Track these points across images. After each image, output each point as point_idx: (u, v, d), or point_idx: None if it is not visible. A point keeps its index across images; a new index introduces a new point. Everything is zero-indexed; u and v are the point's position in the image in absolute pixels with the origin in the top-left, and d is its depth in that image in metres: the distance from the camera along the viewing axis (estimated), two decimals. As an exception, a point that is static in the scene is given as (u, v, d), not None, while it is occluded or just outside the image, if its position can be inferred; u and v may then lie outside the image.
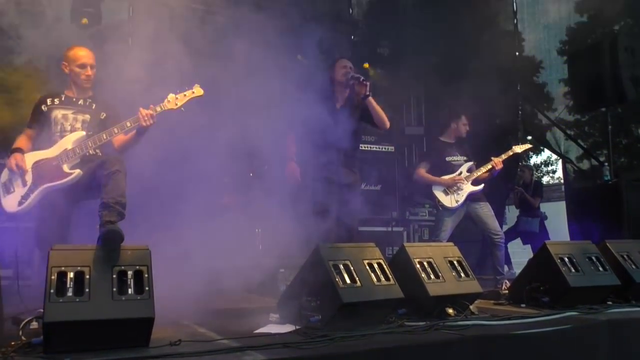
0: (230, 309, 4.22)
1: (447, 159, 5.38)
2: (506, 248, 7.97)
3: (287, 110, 4.49)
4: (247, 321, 3.40)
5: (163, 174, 4.92)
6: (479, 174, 5.24)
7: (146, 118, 3.46)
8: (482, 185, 5.25)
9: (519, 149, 5.39)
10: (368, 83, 4.50)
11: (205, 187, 5.55)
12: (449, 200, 5.21)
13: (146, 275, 2.61)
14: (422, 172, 5.38)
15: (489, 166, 5.22)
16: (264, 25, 4.45)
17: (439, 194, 5.24)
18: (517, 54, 8.80)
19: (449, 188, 5.22)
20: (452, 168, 5.33)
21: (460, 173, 5.30)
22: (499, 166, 5.19)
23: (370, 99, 4.52)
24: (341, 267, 3.10)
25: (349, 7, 8.30)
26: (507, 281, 4.92)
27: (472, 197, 5.25)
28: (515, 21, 8.24)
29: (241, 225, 5.18)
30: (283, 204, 4.48)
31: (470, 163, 5.37)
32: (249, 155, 5.78)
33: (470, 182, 5.23)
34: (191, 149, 5.33)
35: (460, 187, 5.20)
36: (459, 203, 5.18)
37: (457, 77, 7.06)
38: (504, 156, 5.27)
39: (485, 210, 5.27)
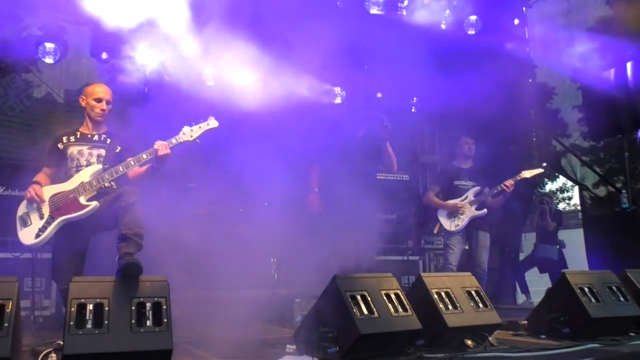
0: (247, 339, 4.20)
1: (456, 182, 5.45)
2: (523, 276, 7.91)
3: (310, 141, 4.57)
4: (263, 352, 3.38)
5: (179, 204, 4.97)
6: (484, 197, 5.30)
7: (162, 147, 3.51)
8: (485, 210, 5.26)
9: (528, 173, 5.36)
10: (390, 127, 4.61)
11: (219, 215, 5.60)
12: (449, 224, 5.32)
13: (164, 307, 2.62)
14: (431, 195, 5.53)
15: (499, 188, 5.23)
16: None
17: (442, 218, 5.37)
18: (529, 80, 8.83)
19: (452, 212, 5.30)
20: (459, 192, 5.40)
21: (466, 197, 5.36)
22: (510, 189, 5.19)
23: (388, 144, 4.66)
24: (358, 297, 3.09)
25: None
26: None
27: (475, 224, 5.30)
28: (527, 49, 8.29)
29: (257, 255, 5.19)
30: (301, 234, 4.49)
31: (478, 188, 5.40)
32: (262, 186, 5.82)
33: (474, 207, 5.26)
34: (206, 177, 5.39)
35: (462, 211, 5.25)
36: (459, 227, 5.26)
37: (470, 105, 7.09)
38: (511, 181, 5.26)
39: (483, 240, 5.32)
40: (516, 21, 8.16)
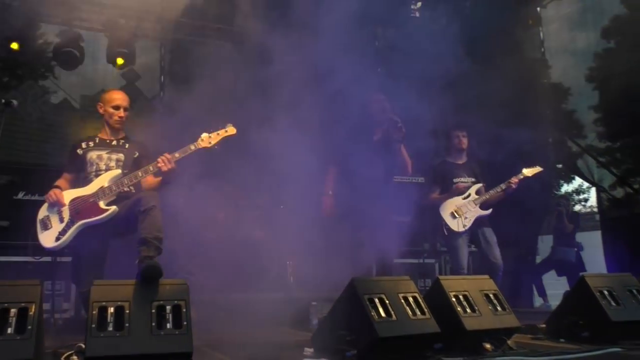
0: (263, 342, 4.21)
1: (455, 180, 5.22)
2: (540, 279, 7.83)
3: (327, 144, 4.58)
4: (281, 355, 3.39)
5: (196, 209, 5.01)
6: (487, 196, 5.09)
7: (164, 163, 3.51)
8: (490, 210, 5.09)
9: (529, 172, 5.20)
10: (403, 130, 4.55)
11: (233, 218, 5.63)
12: (456, 224, 5.05)
13: (184, 310, 2.65)
14: (435, 195, 5.25)
15: (503, 187, 5.07)
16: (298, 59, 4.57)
17: (447, 219, 5.08)
18: (544, 81, 8.77)
19: (457, 212, 5.07)
20: (459, 190, 5.17)
21: (469, 195, 5.13)
22: (515, 186, 5.05)
23: (402, 146, 4.58)
24: (376, 300, 3.08)
25: (374, 40, 8.41)
26: None
27: (477, 222, 5.07)
28: (542, 49, 8.23)
29: (272, 258, 5.21)
30: (316, 237, 4.50)
31: (479, 185, 5.20)
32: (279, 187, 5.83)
33: (479, 206, 5.08)
34: (224, 182, 5.42)
35: (468, 209, 5.06)
36: (466, 227, 5.02)
37: (485, 106, 7.05)
38: (515, 179, 5.11)
39: (490, 236, 5.08)
40: (530, 21, 8.12)
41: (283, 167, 4.80)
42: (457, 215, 5.07)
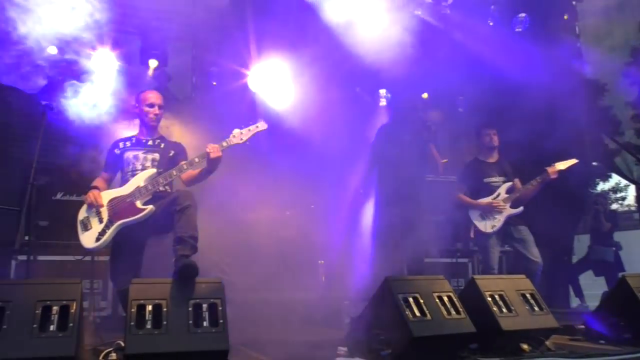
0: (296, 340, 4.22)
1: (485, 180, 5.09)
2: (577, 279, 7.65)
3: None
4: (314, 353, 3.39)
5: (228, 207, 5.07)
6: (519, 194, 4.94)
7: (214, 150, 3.57)
8: (522, 208, 4.95)
9: (562, 165, 5.03)
10: (434, 130, 4.52)
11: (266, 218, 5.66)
12: (484, 226, 4.95)
13: (220, 308, 2.67)
14: (462, 195, 5.12)
15: (539, 180, 4.87)
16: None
17: (476, 220, 4.99)
18: (580, 77, 8.55)
19: (486, 212, 4.97)
20: (490, 189, 5.05)
21: (499, 195, 5.01)
22: (553, 176, 4.89)
23: (432, 145, 4.54)
24: (410, 300, 3.07)
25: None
26: None
27: (511, 221, 4.94)
28: (578, 44, 8.04)
29: (304, 258, 5.23)
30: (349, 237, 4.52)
31: (510, 183, 5.05)
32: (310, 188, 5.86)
33: (509, 205, 4.94)
34: (253, 181, 5.47)
35: (499, 210, 4.93)
36: (496, 228, 4.90)
37: (518, 103, 6.93)
38: (550, 170, 4.97)
39: (525, 234, 4.92)
40: (565, 17, 7.94)
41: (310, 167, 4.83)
42: (486, 217, 4.97)
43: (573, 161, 5.01)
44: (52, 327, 2.43)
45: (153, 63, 7.28)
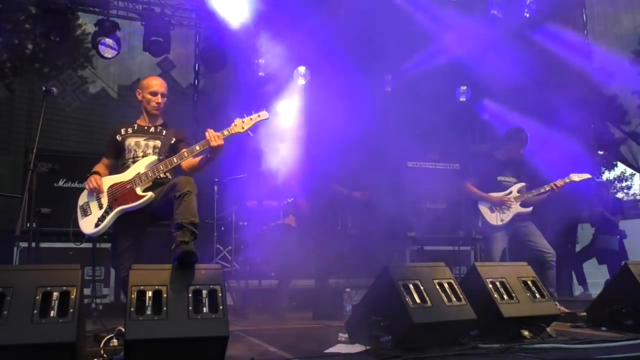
0: (297, 327, 4.24)
1: (499, 178, 5.13)
2: (581, 268, 7.63)
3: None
4: (315, 340, 3.40)
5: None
6: (530, 195, 4.98)
7: (214, 138, 3.54)
8: (531, 208, 4.97)
9: (577, 177, 5.08)
10: None
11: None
12: (494, 218, 4.99)
13: (220, 294, 2.67)
14: (471, 186, 5.16)
15: (547, 188, 4.98)
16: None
17: (485, 210, 5.03)
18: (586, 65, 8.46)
19: (496, 206, 5.01)
20: (502, 187, 5.09)
21: (510, 193, 5.05)
22: (558, 190, 4.94)
23: None
24: (411, 287, 3.06)
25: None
26: (559, 306, 4.54)
27: (518, 218, 4.98)
28: (585, 32, 7.95)
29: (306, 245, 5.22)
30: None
31: (522, 184, 5.11)
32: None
33: (519, 203, 4.98)
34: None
35: (508, 206, 4.98)
36: (504, 222, 4.95)
37: (524, 91, 6.88)
38: (560, 182, 5.00)
39: (533, 229, 4.98)
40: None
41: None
42: (495, 210, 5.01)
43: (587, 176, 5.05)
44: (52, 313, 2.42)
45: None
